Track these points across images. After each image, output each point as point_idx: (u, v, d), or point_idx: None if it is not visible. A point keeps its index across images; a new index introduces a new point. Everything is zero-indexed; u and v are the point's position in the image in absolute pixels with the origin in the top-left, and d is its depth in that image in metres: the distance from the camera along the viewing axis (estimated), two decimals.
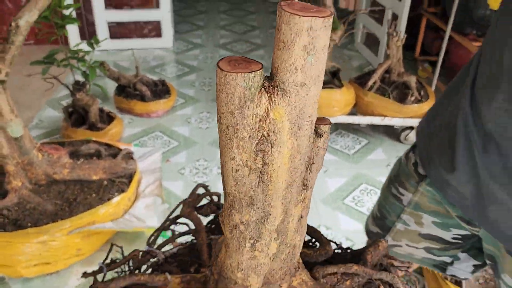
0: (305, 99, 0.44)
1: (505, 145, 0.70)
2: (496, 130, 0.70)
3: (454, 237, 0.91)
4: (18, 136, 1.56)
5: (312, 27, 0.39)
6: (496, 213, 0.75)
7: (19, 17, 1.23)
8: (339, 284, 0.70)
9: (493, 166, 0.72)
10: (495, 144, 0.71)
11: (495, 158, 0.71)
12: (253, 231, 0.51)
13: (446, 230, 0.90)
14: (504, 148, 0.70)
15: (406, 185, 0.92)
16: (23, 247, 1.53)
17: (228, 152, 0.45)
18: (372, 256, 0.75)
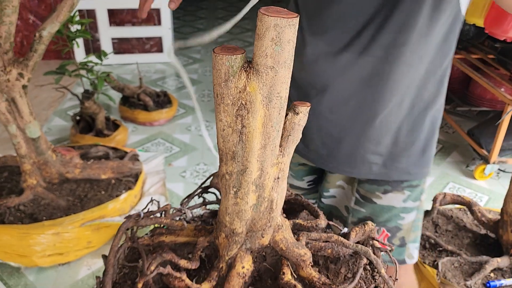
0: (273, 79, 0.60)
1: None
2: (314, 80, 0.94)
3: (309, 184, 1.14)
4: (35, 137, 1.72)
5: (278, 24, 0.56)
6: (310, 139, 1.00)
7: (43, 28, 1.41)
8: (321, 250, 0.85)
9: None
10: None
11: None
12: (235, 180, 0.68)
13: (300, 180, 1.13)
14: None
15: None
16: (38, 238, 1.69)
17: (218, 115, 0.62)
18: (356, 234, 0.88)
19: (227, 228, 0.75)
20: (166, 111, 2.86)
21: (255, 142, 0.64)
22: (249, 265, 0.78)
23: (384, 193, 1.02)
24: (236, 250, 0.77)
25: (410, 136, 0.96)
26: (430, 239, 1.71)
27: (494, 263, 1.57)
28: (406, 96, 0.91)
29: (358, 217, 1.06)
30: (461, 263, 1.61)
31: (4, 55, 1.48)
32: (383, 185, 1.02)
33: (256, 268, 0.80)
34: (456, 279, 1.54)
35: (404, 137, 0.96)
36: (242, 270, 0.77)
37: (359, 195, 1.04)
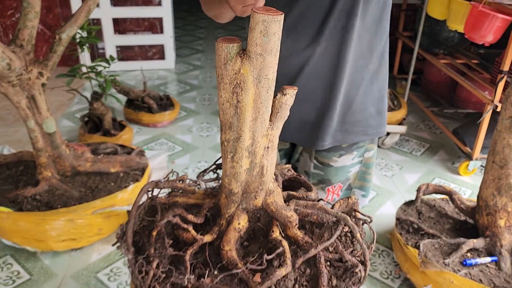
0: (262, 63, 0.76)
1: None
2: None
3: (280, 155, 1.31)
4: (51, 132, 1.88)
5: (265, 20, 0.72)
6: None
7: (62, 32, 1.59)
8: (308, 216, 1.01)
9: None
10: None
11: None
12: (231, 147, 0.84)
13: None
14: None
15: None
16: (54, 224, 1.84)
17: (219, 92, 0.78)
18: (340, 205, 1.03)
19: (226, 189, 0.90)
20: (169, 113, 3.03)
21: (248, 114, 0.80)
22: (245, 222, 0.94)
23: (339, 157, 1.20)
24: (234, 209, 0.93)
25: (364, 103, 1.14)
26: (414, 224, 1.87)
27: (470, 244, 1.72)
28: (357, 70, 1.10)
29: (317, 179, 1.25)
30: (441, 245, 1.76)
31: (26, 55, 1.65)
32: (339, 151, 1.20)
33: (251, 227, 0.95)
34: (436, 258, 1.69)
35: (359, 104, 1.14)
36: (238, 226, 0.93)
37: (318, 161, 1.22)
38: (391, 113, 2.76)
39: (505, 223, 1.72)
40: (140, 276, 0.86)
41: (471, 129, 2.61)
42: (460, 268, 1.66)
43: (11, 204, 1.88)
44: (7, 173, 2.09)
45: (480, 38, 2.26)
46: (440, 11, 2.61)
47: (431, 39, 3.01)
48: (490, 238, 1.74)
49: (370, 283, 1.84)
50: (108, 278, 1.82)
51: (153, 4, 3.95)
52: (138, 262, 0.87)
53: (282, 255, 0.87)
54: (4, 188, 2.00)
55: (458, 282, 1.61)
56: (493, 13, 2.17)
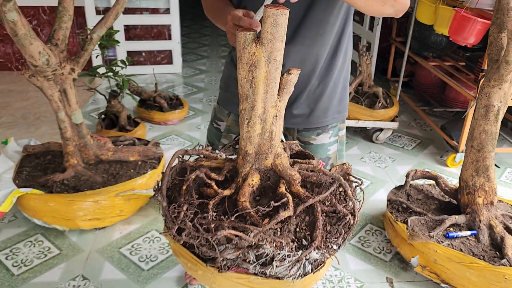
0: (272, 48, 0.99)
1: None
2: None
3: None
4: (79, 123, 2.11)
5: (274, 13, 0.95)
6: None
7: (93, 32, 1.82)
8: (309, 177, 1.23)
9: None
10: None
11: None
12: (247, 114, 1.06)
13: None
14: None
15: (222, 119, 1.51)
16: (81, 205, 2.06)
17: (238, 70, 1.00)
18: (336, 169, 1.26)
19: (242, 151, 1.12)
20: (179, 112, 3.26)
21: (260, 88, 1.03)
22: (257, 179, 1.15)
23: (317, 136, 1.44)
24: (249, 169, 1.15)
25: (333, 92, 1.39)
26: (403, 204, 2.09)
27: (452, 219, 1.94)
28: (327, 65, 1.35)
29: None
30: (427, 221, 1.98)
31: (60, 53, 1.88)
32: (316, 130, 1.44)
33: (262, 185, 1.17)
34: (422, 232, 1.91)
35: (329, 93, 1.39)
36: (251, 182, 1.15)
37: (300, 141, 1.47)
38: (384, 111, 2.99)
39: (483, 201, 1.94)
40: (173, 216, 1.07)
41: (457, 125, 2.84)
42: (443, 240, 1.88)
43: (42, 188, 2.10)
44: (36, 161, 2.31)
45: (463, 40, 2.50)
46: (427, 17, 2.86)
47: (421, 43, 3.25)
48: (470, 215, 1.96)
49: (364, 257, 2.06)
50: (130, 253, 2.04)
51: (162, 12, 4.20)
52: (171, 206, 1.08)
53: (286, 203, 1.09)
54: (34, 174, 2.22)
55: (441, 251, 1.82)
56: (474, 18, 2.41)
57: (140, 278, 1.89)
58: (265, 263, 1.02)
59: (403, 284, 1.91)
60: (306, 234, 1.08)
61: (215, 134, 1.55)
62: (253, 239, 1.00)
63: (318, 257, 1.06)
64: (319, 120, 1.42)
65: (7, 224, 2.21)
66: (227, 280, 1.06)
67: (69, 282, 1.86)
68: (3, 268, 1.92)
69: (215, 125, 1.54)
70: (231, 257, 1.03)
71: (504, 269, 1.70)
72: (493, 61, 1.78)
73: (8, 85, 3.95)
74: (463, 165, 2.00)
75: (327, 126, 1.44)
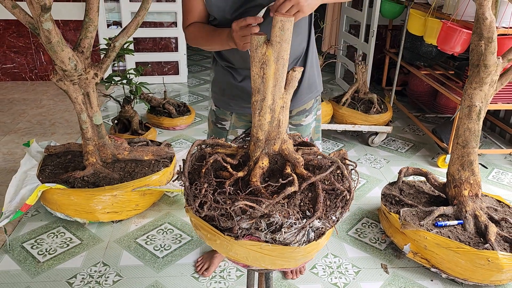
0: (280, 48, 1.19)
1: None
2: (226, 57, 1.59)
3: None
4: (99, 124, 2.31)
5: (282, 20, 1.16)
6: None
7: (116, 40, 2.03)
8: (310, 161, 1.42)
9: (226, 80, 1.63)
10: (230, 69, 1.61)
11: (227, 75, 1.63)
12: (259, 105, 1.25)
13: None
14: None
15: (225, 119, 1.71)
16: (100, 198, 2.24)
17: (252, 68, 1.20)
18: (334, 154, 1.46)
19: (254, 137, 1.32)
20: (186, 118, 3.46)
21: (270, 82, 1.23)
22: (267, 162, 1.34)
23: (306, 117, 1.72)
24: (259, 153, 1.34)
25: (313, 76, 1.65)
26: (396, 197, 2.28)
27: (441, 210, 2.13)
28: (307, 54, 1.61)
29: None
30: (417, 212, 2.17)
31: (86, 60, 2.09)
32: (305, 113, 1.70)
33: (271, 167, 1.36)
34: (413, 221, 2.10)
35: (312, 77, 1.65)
36: (262, 165, 1.34)
37: (292, 124, 1.72)
38: (379, 115, 3.19)
39: (468, 193, 2.13)
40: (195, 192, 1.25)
41: (447, 128, 3.05)
42: (433, 228, 2.06)
43: (64, 183, 2.28)
44: (57, 160, 2.50)
45: (450, 49, 2.72)
46: (418, 28, 3.08)
47: (413, 53, 3.48)
48: (457, 206, 2.14)
49: (360, 246, 2.24)
50: (146, 243, 2.21)
51: (169, 25, 4.44)
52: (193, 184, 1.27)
53: (292, 181, 1.28)
54: (56, 172, 2.41)
55: (430, 238, 2.00)
56: (459, 28, 2.63)
57: (156, 264, 2.07)
58: (275, 230, 1.20)
59: (396, 270, 2.09)
60: (309, 207, 1.26)
61: (220, 133, 1.76)
62: (264, 209, 1.18)
63: (320, 225, 1.24)
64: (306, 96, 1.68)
65: (30, 218, 2.39)
66: (242, 248, 1.22)
67: (90, 268, 2.03)
68: (29, 256, 2.10)
69: (219, 125, 1.74)
70: (245, 226, 1.21)
71: (487, 252, 1.88)
72: (474, 65, 1.99)
73: (22, 94, 4.16)
74: (450, 161, 2.19)
75: (311, 108, 1.71)
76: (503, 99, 2.83)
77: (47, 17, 1.73)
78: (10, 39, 4.39)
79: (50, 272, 2.00)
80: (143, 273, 2.01)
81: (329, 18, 4.62)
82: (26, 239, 2.22)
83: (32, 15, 1.82)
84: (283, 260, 1.26)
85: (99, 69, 2.12)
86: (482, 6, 1.66)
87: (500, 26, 2.56)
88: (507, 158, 3.21)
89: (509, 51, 1.93)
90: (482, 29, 1.76)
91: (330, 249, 2.21)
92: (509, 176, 2.95)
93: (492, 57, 1.84)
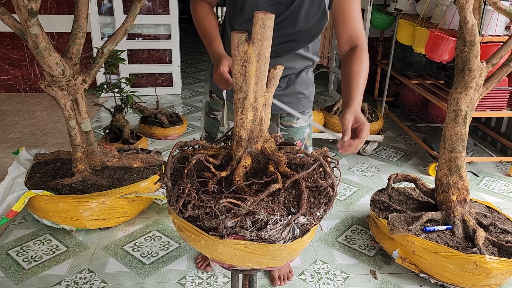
0: (261, 46, 1.20)
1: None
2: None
3: None
4: (87, 130, 2.30)
5: (263, 18, 1.17)
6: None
7: (104, 46, 2.04)
8: (293, 159, 1.42)
9: None
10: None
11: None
12: (241, 103, 1.26)
13: None
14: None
15: (217, 109, 1.74)
16: (88, 205, 2.22)
17: (233, 66, 1.21)
18: (316, 152, 1.46)
19: (237, 136, 1.32)
20: (178, 128, 3.47)
21: (252, 80, 1.24)
22: (249, 161, 1.34)
23: (297, 120, 1.71)
24: (242, 152, 1.34)
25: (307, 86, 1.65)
26: (385, 203, 2.27)
27: (429, 215, 2.12)
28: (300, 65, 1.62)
29: (285, 139, 1.71)
30: (406, 217, 2.16)
31: (74, 66, 2.10)
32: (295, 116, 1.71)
33: (254, 167, 1.36)
34: (401, 226, 2.09)
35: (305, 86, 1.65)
36: (245, 164, 1.33)
37: (283, 125, 1.72)
38: (370, 124, 3.20)
39: (456, 198, 2.12)
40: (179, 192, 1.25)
41: (437, 136, 3.06)
42: (421, 233, 2.05)
43: (51, 190, 2.27)
44: (46, 168, 2.50)
45: (438, 58, 2.74)
46: (407, 38, 3.12)
47: (403, 63, 3.51)
48: (445, 211, 2.14)
49: (350, 253, 2.22)
50: (133, 250, 2.19)
51: (163, 38, 4.48)
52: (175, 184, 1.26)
53: (276, 179, 1.28)
54: (44, 179, 2.39)
55: (418, 243, 1.99)
56: (447, 37, 2.66)
57: (142, 271, 2.04)
58: (260, 228, 1.19)
59: (385, 275, 2.07)
60: (294, 204, 1.25)
61: (213, 124, 1.77)
62: (249, 207, 1.17)
63: (305, 222, 1.23)
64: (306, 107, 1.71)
65: (17, 225, 2.37)
66: (227, 247, 1.20)
67: (76, 275, 2.00)
68: (14, 263, 2.07)
69: (212, 116, 1.77)
70: (230, 225, 1.19)
71: (475, 256, 1.87)
72: (459, 70, 2.01)
73: (16, 106, 4.16)
74: (437, 166, 2.19)
75: (303, 112, 1.69)
76: (492, 106, 2.85)
77: (34, 22, 1.75)
78: (5, 51, 4.41)
79: (35, 279, 1.98)
80: (129, 280, 1.98)
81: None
82: (11, 246, 2.20)
83: (20, 21, 1.83)
84: (268, 259, 1.25)
85: (88, 75, 2.13)
86: (464, 10, 1.68)
87: (486, 34, 2.59)
88: (498, 166, 3.22)
89: (493, 56, 1.95)
90: (464, 32, 1.78)
91: (318, 255, 2.19)
92: (500, 184, 2.95)
93: (476, 61, 1.86)
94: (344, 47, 1.41)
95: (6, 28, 4.09)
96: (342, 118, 1.22)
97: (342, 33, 1.41)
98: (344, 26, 1.43)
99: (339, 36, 1.42)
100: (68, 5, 4.25)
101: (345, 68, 1.36)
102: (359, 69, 1.36)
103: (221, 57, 1.40)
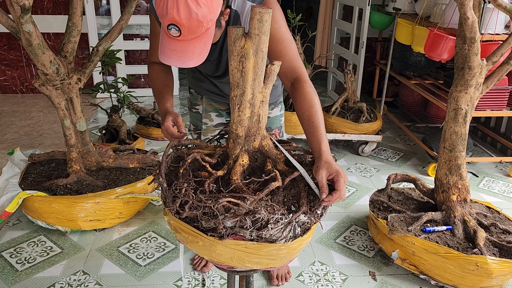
0: (258, 41, 1.17)
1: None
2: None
3: (227, 120, 1.85)
4: (82, 130, 2.27)
5: (260, 12, 1.14)
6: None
7: (99, 45, 2.01)
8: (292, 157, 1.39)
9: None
10: None
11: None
12: (238, 100, 1.23)
13: (221, 117, 1.84)
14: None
15: (197, 103, 1.81)
16: (83, 206, 2.19)
17: (230, 62, 1.18)
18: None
19: (233, 134, 1.29)
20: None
21: (249, 76, 1.21)
22: (247, 160, 1.31)
23: (272, 110, 1.81)
24: (239, 150, 1.31)
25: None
26: (384, 203, 2.24)
27: (429, 215, 2.10)
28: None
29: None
30: (405, 217, 2.13)
31: (69, 65, 2.07)
32: (271, 105, 1.80)
33: (251, 165, 1.33)
34: (401, 227, 2.06)
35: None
36: (242, 162, 1.30)
37: None
38: (369, 124, 3.18)
39: (456, 198, 2.10)
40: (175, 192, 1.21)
41: (436, 136, 3.03)
42: (421, 234, 2.02)
43: (46, 191, 2.23)
44: (41, 168, 2.46)
45: (437, 57, 2.72)
46: (405, 37, 3.10)
47: (402, 63, 3.49)
48: (445, 211, 2.11)
49: (349, 254, 2.19)
50: (128, 251, 2.16)
51: None
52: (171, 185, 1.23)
53: (275, 177, 1.25)
54: (39, 180, 2.36)
55: (418, 244, 1.96)
56: (446, 35, 2.64)
57: (138, 273, 2.01)
58: (261, 227, 1.15)
59: (385, 277, 2.04)
60: (293, 202, 1.22)
61: (196, 117, 1.87)
62: (249, 206, 1.14)
63: (306, 220, 1.20)
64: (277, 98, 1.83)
65: (12, 227, 2.33)
66: (226, 248, 1.15)
67: (70, 277, 1.97)
68: (7, 265, 2.03)
69: (194, 110, 1.86)
70: (230, 225, 1.16)
71: (476, 257, 1.84)
72: (459, 68, 1.98)
73: (12, 106, 4.13)
74: (437, 166, 2.16)
75: (277, 101, 1.82)
76: (491, 106, 2.83)
77: (27, 19, 1.72)
78: (1, 52, 4.38)
79: (28, 281, 1.94)
80: (124, 281, 1.95)
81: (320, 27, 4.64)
82: (5, 247, 2.16)
83: (13, 18, 1.80)
84: (268, 259, 1.21)
85: (83, 74, 2.09)
86: (464, 6, 1.66)
87: (486, 33, 2.57)
88: (498, 166, 3.19)
89: (493, 53, 1.92)
90: (464, 29, 1.76)
91: (317, 256, 2.16)
92: (500, 184, 2.93)
93: (476, 58, 1.83)
94: (287, 84, 1.43)
95: (2, 28, 4.06)
96: (316, 175, 1.19)
97: (280, 73, 1.43)
98: (281, 66, 1.48)
99: (279, 76, 1.45)
100: (65, 5, 4.22)
101: (297, 110, 1.35)
102: (310, 107, 1.32)
103: (165, 113, 1.46)
